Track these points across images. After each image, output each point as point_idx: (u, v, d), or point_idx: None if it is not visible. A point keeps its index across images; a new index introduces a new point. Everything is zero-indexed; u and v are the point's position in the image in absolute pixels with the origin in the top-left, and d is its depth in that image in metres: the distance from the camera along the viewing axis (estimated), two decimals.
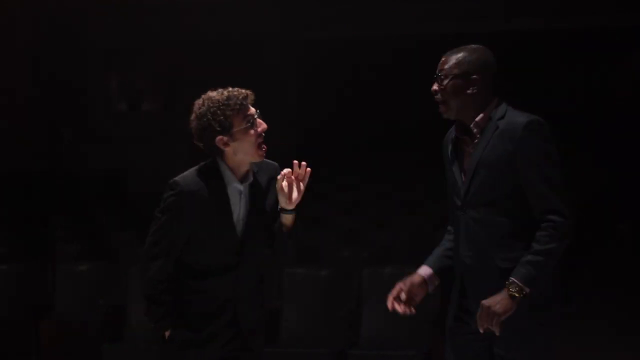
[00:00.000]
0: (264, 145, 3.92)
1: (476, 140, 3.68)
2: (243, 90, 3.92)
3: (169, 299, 3.91)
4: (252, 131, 3.87)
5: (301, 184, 3.91)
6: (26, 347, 7.53)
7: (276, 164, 4.06)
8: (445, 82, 3.68)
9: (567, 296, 3.71)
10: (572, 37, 13.83)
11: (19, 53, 13.50)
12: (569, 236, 3.57)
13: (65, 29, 13.87)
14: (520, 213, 3.61)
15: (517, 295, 3.51)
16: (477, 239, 3.65)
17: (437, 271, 3.84)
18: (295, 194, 3.90)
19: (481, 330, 3.57)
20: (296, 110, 14.63)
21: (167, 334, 3.96)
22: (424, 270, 3.84)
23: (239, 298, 3.93)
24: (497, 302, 3.52)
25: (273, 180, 3.97)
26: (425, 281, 3.83)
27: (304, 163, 3.92)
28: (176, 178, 3.92)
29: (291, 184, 3.90)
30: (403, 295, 3.80)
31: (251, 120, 3.88)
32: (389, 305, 3.84)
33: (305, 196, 3.97)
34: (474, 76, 3.68)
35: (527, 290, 3.51)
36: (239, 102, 3.86)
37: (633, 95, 13.62)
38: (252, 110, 3.91)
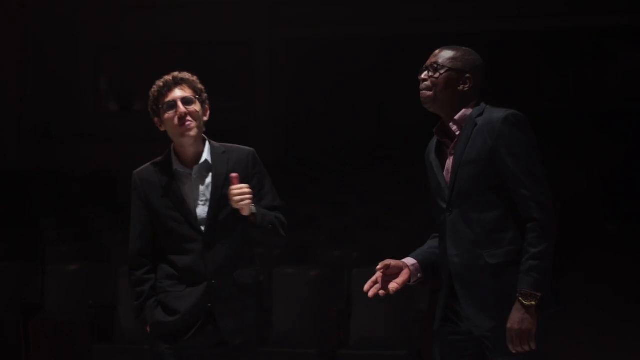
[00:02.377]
0: (186, 124, 4.01)
1: (456, 139, 3.70)
2: (172, 75, 4.09)
3: (147, 278, 4.05)
4: (166, 115, 4.03)
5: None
6: (15, 347, 7.51)
7: (251, 149, 4.15)
8: (439, 72, 3.69)
9: (556, 297, 3.72)
10: (572, 37, 13.88)
11: (11, 52, 13.47)
12: (556, 231, 3.58)
13: (57, 27, 13.84)
14: (504, 208, 3.61)
15: (533, 303, 3.51)
16: (464, 238, 3.65)
17: (422, 263, 3.80)
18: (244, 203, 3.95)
19: (514, 351, 3.55)
20: (286, 111, 14.64)
21: (148, 329, 4.06)
22: (409, 260, 3.81)
23: (210, 280, 3.99)
24: (520, 320, 3.52)
25: (241, 163, 4.07)
26: (409, 270, 3.77)
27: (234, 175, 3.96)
28: None
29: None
30: (378, 266, 3.72)
31: (166, 105, 4.02)
32: (370, 289, 3.72)
33: (296, 196, 3.99)
34: (468, 75, 3.70)
35: (539, 294, 3.52)
36: (159, 88, 4.05)
37: (628, 96, 13.67)
38: (171, 96, 4.02)
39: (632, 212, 10.19)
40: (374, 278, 3.73)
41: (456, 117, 3.70)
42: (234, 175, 3.97)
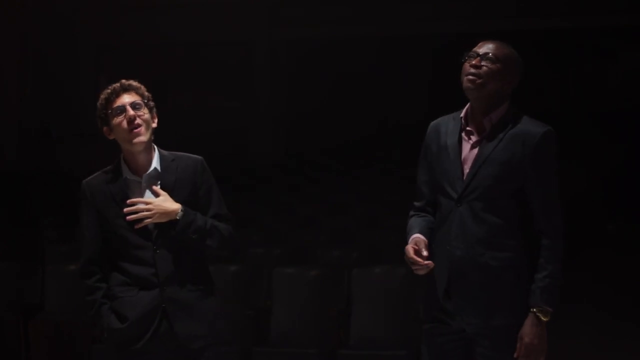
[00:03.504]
0: (136, 130, 4.01)
1: (484, 134, 3.70)
2: (119, 82, 4.11)
3: (98, 286, 4.04)
4: (115, 120, 4.02)
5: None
6: (15, 347, 7.52)
7: (200, 157, 4.15)
8: (495, 64, 3.69)
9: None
10: (572, 37, 13.86)
11: (11, 52, 13.46)
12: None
13: (57, 27, 13.84)
14: (517, 217, 3.65)
15: (548, 318, 3.61)
16: (471, 234, 3.66)
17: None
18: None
19: None
20: (286, 111, 14.63)
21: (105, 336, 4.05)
22: (424, 238, 3.75)
23: (162, 287, 3.96)
24: (540, 335, 3.60)
25: (189, 169, 4.07)
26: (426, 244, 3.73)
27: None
28: None
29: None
30: (424, 252, 3.65)
31: (115, 111, 4.02)
32: (421, 261, 3.63)
33: (296, 196, 3.99)
34: (514, 74, 3.74)
35: (551, 310, 3.61)
36: (107, 95, 4.06)
37: (628, 96, 13.66)
38: (119, 101, 4.04)
39: (632, 212, 10.19)
40: (412, 252, 3.64)
41: (491, 114, 3.70)
42: (154, 187, 4.00)
